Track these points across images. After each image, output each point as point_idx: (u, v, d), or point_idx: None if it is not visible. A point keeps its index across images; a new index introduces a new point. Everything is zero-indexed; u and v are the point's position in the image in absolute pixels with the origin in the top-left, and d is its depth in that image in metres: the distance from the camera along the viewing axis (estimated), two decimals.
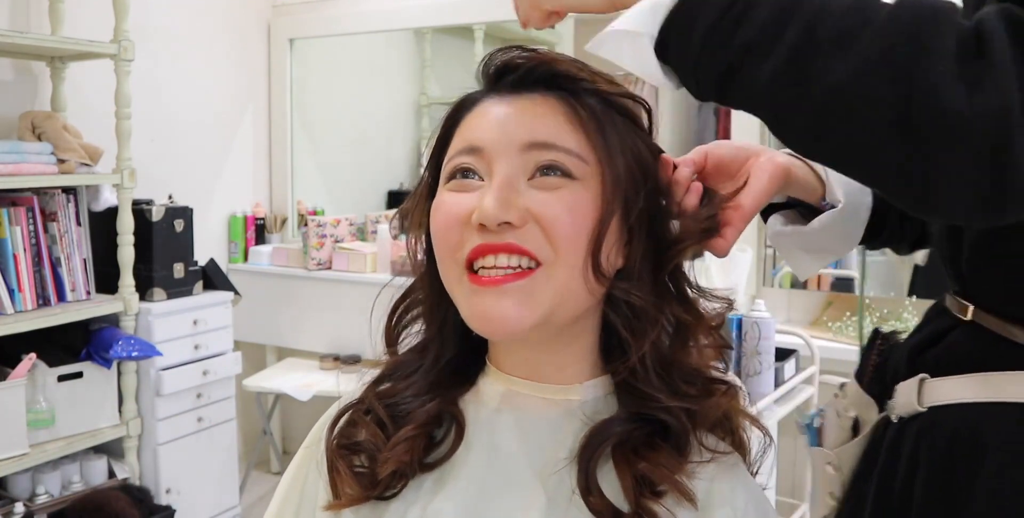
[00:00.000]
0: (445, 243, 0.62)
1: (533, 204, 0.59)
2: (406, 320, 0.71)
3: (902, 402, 0.73)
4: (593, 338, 0.65)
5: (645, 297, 0.62)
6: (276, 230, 3.19)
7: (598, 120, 0.62)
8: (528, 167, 0.60)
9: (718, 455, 0.62)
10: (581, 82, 0.62)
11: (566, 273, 0.59)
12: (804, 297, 2.44)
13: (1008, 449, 0.64)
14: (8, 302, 2.03)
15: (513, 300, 0.59)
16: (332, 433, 0.68)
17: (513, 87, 0.63)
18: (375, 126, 3.65)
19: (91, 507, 2.06)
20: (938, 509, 0.68)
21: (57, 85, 2.31)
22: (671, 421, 0.61)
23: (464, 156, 0.62)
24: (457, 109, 0.66)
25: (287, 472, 0.72)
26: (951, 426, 0.68)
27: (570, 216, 0.59)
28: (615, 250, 0.62)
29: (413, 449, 0.64)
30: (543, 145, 0.60)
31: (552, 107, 0.62)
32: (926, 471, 0.70)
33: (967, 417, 0.67)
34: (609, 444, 0.60)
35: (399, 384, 0.69)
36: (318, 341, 2.90)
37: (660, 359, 0.63)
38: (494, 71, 0.65)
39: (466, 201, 0.61)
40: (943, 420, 0.69)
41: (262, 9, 3.16)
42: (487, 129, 0.62)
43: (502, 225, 0.58)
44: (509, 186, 0.59)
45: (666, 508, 0.57)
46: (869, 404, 0.80)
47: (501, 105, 0.63)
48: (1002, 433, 0.64)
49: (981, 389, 0.66)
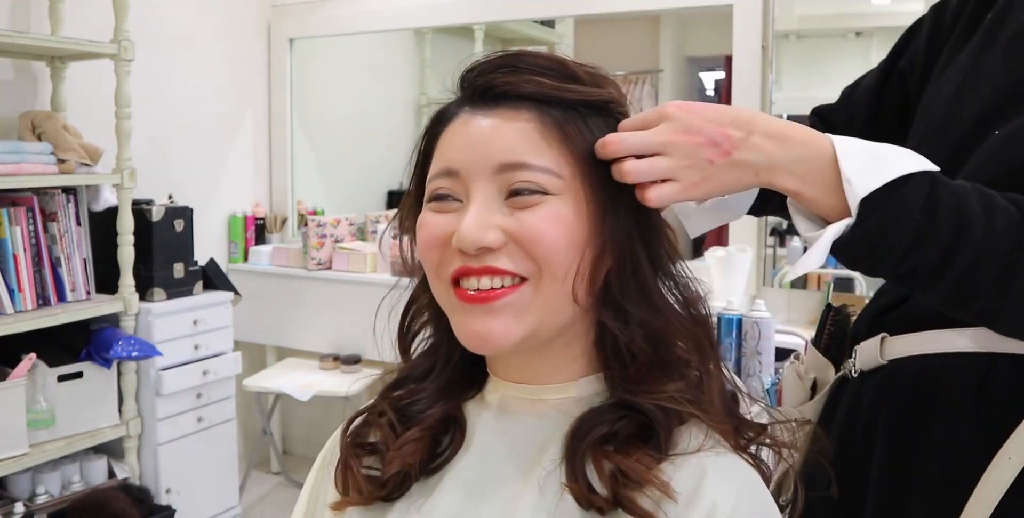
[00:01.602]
0: (430, 262, 0.64)
1: (510, 224, 0.60)
2: (416, 327, 0.73)
3: (863, 358, 0.82)
4: (587, 341, 0.66)
5: (638, 299, 0.62)
6: (276, 230, 3.19)
7: (568, 128, 0.61)
8: (503, 187, 0.61)
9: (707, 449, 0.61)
10: (550, 94, 0.62)
11: (553, 286, 0.60)
12: (804, 297, 2.44)
13: (960, 392, 0.73)
14: (8, 302, 2.03)
15: (500, 317, 0.60)
16: (347, 432, 0.70)
17: (488, 101, 0.63)
18: (375, 126, 3.65)
19: (91, 507, 2.06)
20: (901, 450, 0.76)
21: (57, 85, 2.31)
22: (658, 415, 0.61)
23: (442, 179, 0.63)
24: (435, 123, 0.66)
25: (308, 476, 0.75)
26: (911, 373, 0.77)
27: (548, 231, 0.59)
28: (603, 257, 0.62)
29: (418, 451, 0.65)
30: (516, 166, 0.60)
31: (525, 122, 0.61)
32: (888, 414, 0.78)
33: (925, 366, 0.76)
34: (595, 435, 0.61)
35: (412, 388, 0.71)
36: (318, 341, 2.90)
37: (653, 355, 0.63)
38: (469, 88, 0.65)
39: (445, 223, 0.62)
40: (903, 369, 0.78)
41: (262, 9, 3.16)
42: (462, 150, 0.62)
43: (480, 249, 0.59)
44: (485, 208, 0.60)
45: (648, 496, 0.57)
46: (826, 366, 0.89)
47: (475, 123, 0.62)
48: (955, 377, 0.74)
49: (936, 342, 0.76)
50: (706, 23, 3.59)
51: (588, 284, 0.62)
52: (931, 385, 0.75)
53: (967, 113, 0.77)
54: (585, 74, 0.64)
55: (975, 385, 0.73)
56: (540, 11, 2.95)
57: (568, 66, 0.64)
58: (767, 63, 2.34)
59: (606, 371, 0.65)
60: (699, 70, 4.08)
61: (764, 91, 2.35)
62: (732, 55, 2.40)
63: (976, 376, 0.73)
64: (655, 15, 3.67)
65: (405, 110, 3.73)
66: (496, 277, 0.60)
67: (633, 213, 0.63)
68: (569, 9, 2.82)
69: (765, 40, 2.34)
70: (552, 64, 0.63)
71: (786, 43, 2.78)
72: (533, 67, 0.62)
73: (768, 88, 2.35)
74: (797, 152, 0.61)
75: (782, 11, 2.39)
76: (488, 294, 0.60)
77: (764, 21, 2.34)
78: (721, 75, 3.90)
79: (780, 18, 2.37)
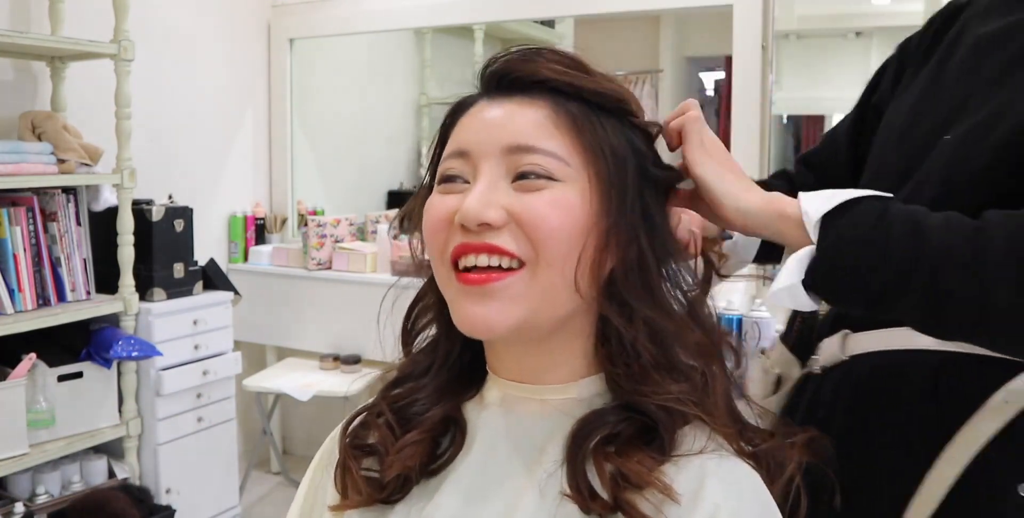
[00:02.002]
0: (434, 244, 0.64)
1: (513, 205, 0.60)
2: (420, 325, 0.73)
3: (826, 354, 0.86)
4: (588, 339, 0.66)
5: (643, 295, 0.62)
6: (276, 230, 3.19)
7: (582, 121, 0.62)
8: (511, 170, 0.61)
9: (709, 451, 0.61)
10: (565, 85, 0.63)
11: (549, 273, 0.60)
12: None
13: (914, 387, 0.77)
14: (8, 302, 2.03)
15: (495, 300, 0.60)
16: (345, 433, 0.70)
17: (504, 90, 0.65)
18: (375, 126, 3.65)
19: (91, 507, 2.06)
20: (855, 443, 0.79)
21: (57, 85, 2.31)
22: (661, 416, 0.61)
23: (452, 160, 0.64)
24: (453, 112, 0.67)
25: (305, 476, 0.75)
26: (867, 369, 0.81)
27: (550, 216, 0.60)
28: (607, 250, 0.62)
29: (417, 454, 0.65)
30: (524, 148, 0.61)
31: (538, 109, 0.62)
32: (844, 409, 0.82)
33: (881, 362, 0.80)
34: (597, 435, 0.61)
35: (410, 388, 0.71)
36: (318, 341, 2.90)
37: (656, 354, 0.63)
38: (488, 75, 0.66)
39: (451, 202, 0.62)
40: (862, 365, 0.82)
41: (262, 9, 3.16)
42: (474, 132, 0.63)
43: (482, 225, 0.60)
44: (491, 187, 0.61)
45: (648, 500, 0.57)
46: (792, 362, 0.93)
47: (490, 108, 0.64)
48: (910, 373, 0.78)
49: (896, 339, 0.79)
50: (706, 23, 3.59)
51: (591, 275, 0.61)
52: (887, 381, 0.79)
53: (925, 123, 0.82)
54: (599, 71, 0.65)
55: (930, 381, 0.76)
56: (540, 11, 2.95)
57: (584, 62, 0.65)
58: (767, 63, 2.34)
59: (608, 370, 0.64)
60: (699, 70, 4.08)
61: (764, 91, 2.35)
62: (732, 55, 2.40)
63: (930, 372, 0.76)
64: (655, 15, 3.67)
65: (405, 110, 3.73)
66: (494, 256, 0.60)
67: (640, 210, 0.63)
68: (569, 9, 2.82)
69: (765, 40, 2.34)
70: (570, 57, 0.65)
71: (786, 43, 2.78)
72: (551, 58, 0.64)
73: (768, 88, 2.35)
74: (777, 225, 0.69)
75: (782, 11, 2.39)
76: (486, 276, 0.60)
77: (764, 21, 2.34)
78: (721, 75, 3.90)
79: (780, 18, 2.37)
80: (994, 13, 0.81)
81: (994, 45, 0.79)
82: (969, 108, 0.77)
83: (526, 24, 3.53)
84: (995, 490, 0.72)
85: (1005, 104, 0.74)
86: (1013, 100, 0.73)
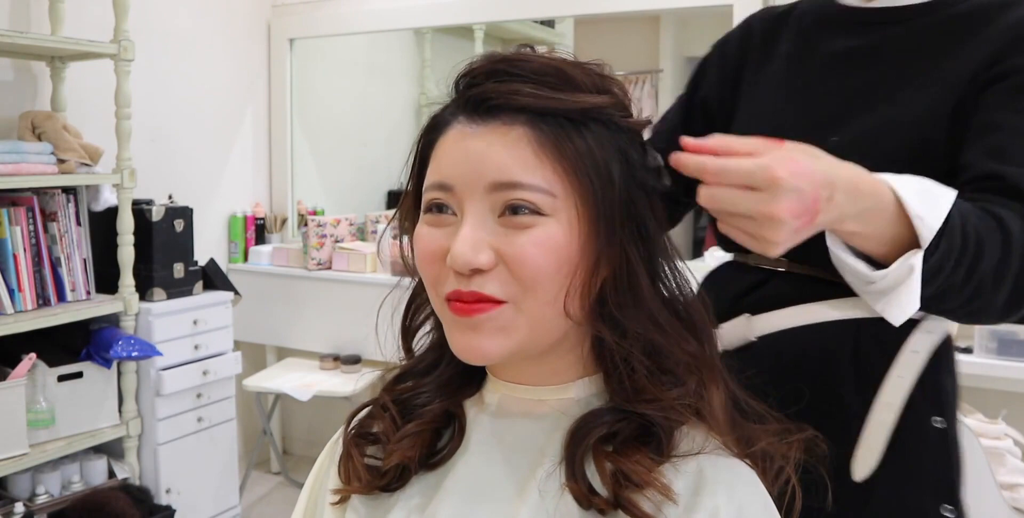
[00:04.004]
0: (427, 274, 0.64)
1: (502, 246, 0.60)
2: (418, 321, 0.74)
3: (729, 338, 0.90)
4: (584, 349, 0.66)
5: (634, 313, 0.62)
6: (276, 230, 3.19)
7: (563, 142, 0.60)
8: (496, 205, 0.61)
9: (707, 451, 0.61)
10: (543, 110, 0.61)
11: (537, 306, 0.61)
12: None
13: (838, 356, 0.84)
14: (8, 302, 2.03)
15: (487, 333, 0.61)
16: (350, 423, 0.72)
17: (481, 113, 0.62)
18: (375, 126, 3.65)
19: (91, 507, 2.06)
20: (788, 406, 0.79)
21: (57, 85, 2.31)
22: (659, 418, 0.61)
23: (437, 191, 0.63)
24: (429, 130, 0.66)
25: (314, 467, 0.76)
26: (786, 344, 0.87)
27: (538, 257, 0.59)
28: (597, 274, 0.62)
29: (417, 445, 0.66)
30: (509, 185, 0.60)
31: (519, 137, 0.60)
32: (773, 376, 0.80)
33: (795, 338, 0.86)
34: (595, 435, 0.61)
35: (415, 383, 0.73)
36: (318, 341, 2.90)
37: (651, 367, 0.63)
38: (465, 99, 0.63)
39: (440, 238, 0.62)
40: (773, 344, 0.87)
41: (262, 9, 3.16)
42: (457, 165, 0.62)
43: (472, 271, 0.60)
44: (478, 226, 0.60)
45: (648, 498, 0.57)
46: None
47: (469, 137, 0.61)
48: (831, 341, 0.85)
49: (805, 315, 0.86)
50: (706, 23, 3.59)
51: (580, 299, 0.62)
52: (810, 351, 0.86)
53: (803, 120, 0.89)
54: (585, 76, 0.63)
55: (850, 348, 0.84)
56: (540, 11, 2.95)
57: (566, 72, 0.62)
58: None
59: (605, 378, 0.65)
60: None
61: None
62: None
63: (849, 341, 0.84)
64: (655, 15, 3.67)
65: (405, 110, 3.73)
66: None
67: (628, 224, 0.63)
68: (569, 9, 2.82)
69: None
70: (549, 70, 0.62)
71: None
72: (528, 74, 0.61)
73: None
74: (865, 204, 0.66)
75: None
76: (477, 308, 0.60)
77: None
78: None
79: None
80: (839, 30, 0.91)
81: (867, 59, 0.88)
82: (854, 115, 0.85)
83: (526, 24, 3.53)
84: (918, 423, 0.83)
85: (894, 119, 0.83)
86: (900, 114, 0.83)
